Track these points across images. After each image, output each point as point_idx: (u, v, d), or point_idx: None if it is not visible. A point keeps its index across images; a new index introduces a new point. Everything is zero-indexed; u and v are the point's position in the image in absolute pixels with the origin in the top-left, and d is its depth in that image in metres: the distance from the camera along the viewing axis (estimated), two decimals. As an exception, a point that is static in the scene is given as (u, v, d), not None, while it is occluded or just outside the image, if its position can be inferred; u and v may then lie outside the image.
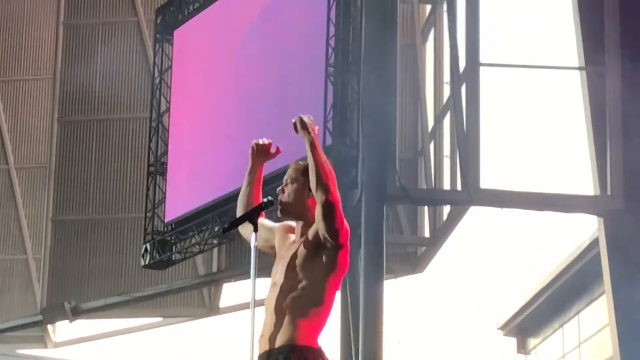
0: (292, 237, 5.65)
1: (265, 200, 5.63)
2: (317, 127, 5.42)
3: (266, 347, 5.48)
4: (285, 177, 5.66)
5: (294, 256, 5.53)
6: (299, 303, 5.46)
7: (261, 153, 5.83)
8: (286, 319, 5.47)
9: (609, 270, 11.65)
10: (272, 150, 5.83)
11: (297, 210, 5.60)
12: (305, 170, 5.61)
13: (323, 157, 5.41)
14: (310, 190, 5.54)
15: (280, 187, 5.64)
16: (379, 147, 11.78)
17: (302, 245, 5.51)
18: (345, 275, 10.99)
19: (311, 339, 5.46)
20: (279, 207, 5.61)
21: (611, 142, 11.68)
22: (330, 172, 5.37)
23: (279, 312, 5.49)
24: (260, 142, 5.82)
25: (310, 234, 5.45)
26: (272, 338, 5.48)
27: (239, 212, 5.82)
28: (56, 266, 16.94)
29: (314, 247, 5.43)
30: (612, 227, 11.66)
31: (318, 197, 5.38)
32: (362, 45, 12.15)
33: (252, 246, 5.49)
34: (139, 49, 16.89)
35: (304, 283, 5.47)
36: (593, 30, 11.96)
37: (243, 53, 14.01)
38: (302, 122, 5.39)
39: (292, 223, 5.69)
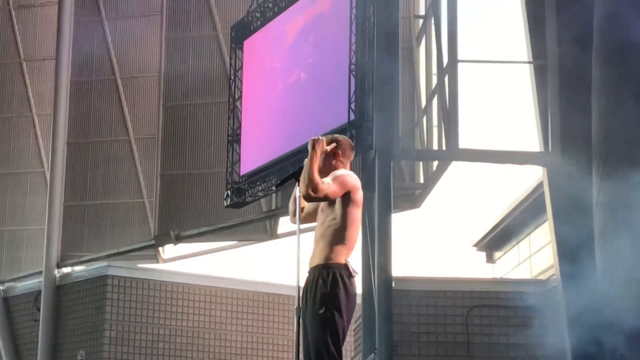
0: None
1: (305, 162, 5.58)
2: (323, 143, 5.37)
3: (310, 265, 5.46)
4: None
5: (324, 214, 5.52)
6: (329, 233, 5.43)
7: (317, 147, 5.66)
8: (321, 245, 5.43)
9: (550, 204, 11.58)
10: None
11: (326, 170, 5.55)
12: (330, 141, 5.57)
13: (313, 168, 5.31)
14: (334, 155, 5.51)
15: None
16: (387, 121, 11.73)
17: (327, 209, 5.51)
18: (364, 213, 10.97)
19: (339, 257, 5.39)
20: None
21: (551, 109, 11.59)
22: (311, 178, 5.29)
23: (317, 240, 5.47)
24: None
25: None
26: (313, 259, 5.45)
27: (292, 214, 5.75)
28: (164, 206, 17.01)
29: (334, 206, 5.43)
30: (552, 175, 11.58)
31: (300, 188, 5.37)
32: (375, 49, 12.07)
33: (296, 195, 5.47)
34: (218, 54, 16.85)
35: (330, 220, 5.43)
36: (538, 31, 11.81)
37: (292, 56, 13.96)
38: (312, 142, 5.36)
39: None
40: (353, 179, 5.38)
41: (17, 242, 18.75)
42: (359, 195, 5.41)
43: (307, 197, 5.20)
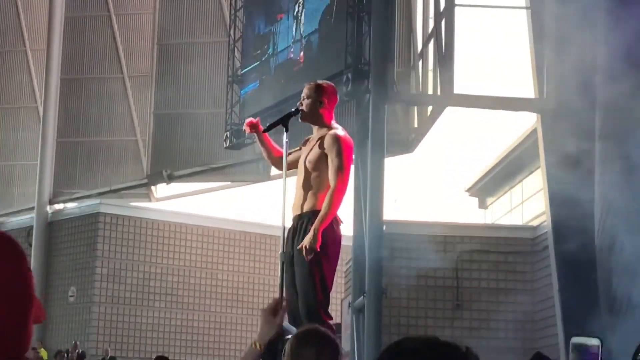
0: (311, 138, 5.69)
1: (292, 110, 5.65)
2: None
3: (297, 212, 5.53)
4: (302, 94, 5.67)
5: (313, 151, 5.56)
6: (317, 183, 5.51)
7: (254, 129, 5.81)
8: (310, 193, 5.50)
9: (543, 151, 11.61)
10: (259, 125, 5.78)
11: (312, 117, 5.62)
12: (317, 88, 5.63)
13: (324, 218, 5.41)
14: (320, 102, 5.58)
15: (299, 102, 5.65)
16: (382, 64, 11.70)
17: (317, 147, 5.53)
18: (357, 157, 10.96)
19: None
20: (300, 115, 5.63)
21: (547, 60, 11.56)
22: (331, 203, 5.41)
23: (303, 188, 5.53)
24: (250, 121, 5.80)
25: (326, 150, 5.51)
26: (301, 206, 5.52)
27: (268, 162, 5.95)
28: (157, 145, 17.03)
29: (323, 159, 5.51)
30: (546, 121, 11.58)
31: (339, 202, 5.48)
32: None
33: (284, 141, 5.52)
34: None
35: (319, 169, 5.50)
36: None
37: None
38: (305, 249, 5.40)
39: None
40: (349, 145, 5.50)
41: (9, 178, 18.80)
42: (352, 153, 5.59)
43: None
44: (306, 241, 5.32)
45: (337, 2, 12.50)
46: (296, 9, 13.92)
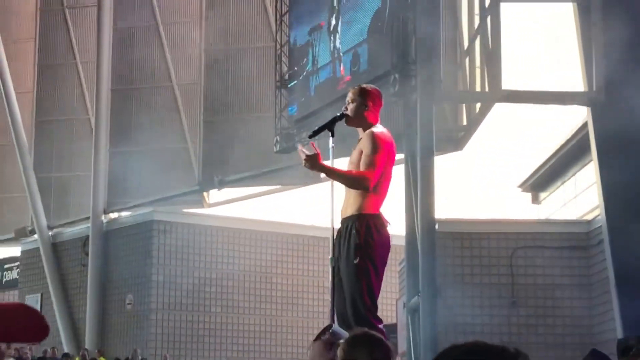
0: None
1: (338, 114, 5.65)
2: (316, 158, 5.35)
3: (344, 215, 5.53)
4: (347, 99, 5.66)
5: (358, 151, 5.55)
6: None
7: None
8: (354, 194, 5.48)
9: (595, 144, 11.52)
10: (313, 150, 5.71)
11: (357, 120, 5.59)
12: (361, 92, 5.62)
13: (338, 172, 5.36)
14: (365, 105, 5.57)
15: (344, 106, 5.65)
16: (429, 63, 11.69)
17: (357, 148, 5.53)
18: (407, 156, 10.96)
19: (372, 208, 5.46)
20: (345, 119, 5.62)
21: (595, 53, 11.48)
22: (350, 176, 5.35)
23: (349, 191, 5.52)
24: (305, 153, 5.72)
25: (362, 147, 5.47)
26: (346, 209, 5.52)
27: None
28: (207, 151, 17.16)
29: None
30: (596, 114, 11.49)
31: (362, 189, 5.39)
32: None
33: (330, 146, 5.52)
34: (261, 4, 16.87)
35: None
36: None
37: (337, 2, 13.91)
38: (307, 161, 5.31)
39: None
40: (386, 138, 5.44)
41: (64, 189, 19.05)
42: (392, 151, 5.52)
43: (362, 188, 5.38)
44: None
45: (389, 5, 12.42)
46: (333, 22, 13.88)
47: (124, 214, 18.19)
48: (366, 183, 5.30)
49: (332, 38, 13.77)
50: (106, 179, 17.86)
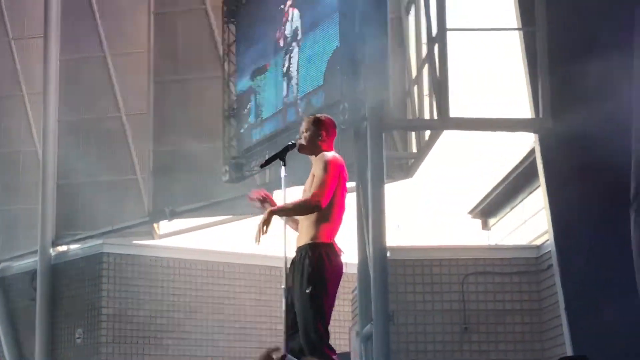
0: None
1: (289, 143, 5.73)
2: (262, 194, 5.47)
3: (298, 244, 5.60)
4: (301, 128, 5.75)
5: (311, 177, 5.63)
6: (314, 213, 5.55)
7: (264, 202, 5.84)
8: (307, 223, 5.55)
9: (542, 170, 11.70)
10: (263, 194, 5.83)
11: (311, 149, 5.68)
12: (315, 121, 5.71)
13: (290, 207, 5.48)
14: (319, 135, 5.64)
15: (298, 135, 5.73)
16: (378, 92, 11.83)
17: (310, 175, 5.61)
18: (358, 183, 11.06)
19: (325, 237, 5.53)
20: (298, 148, 5.70)
21: (541, 80, 11.68)
22: (301, 202, 5.46)
23: (303, 219, 5.58)
24: (256, 197, 5.83)
25: (314, 172, 5.55)
26: (300, 238, 5.59)
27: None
28: (157, 183, 17.12)
29: None
30: (543, 141, 11.69)
31: (314, 211, 5.48)
32: (364, 20, 12.13)
33: (282, 176, 5.58)
34: (207, 29, 16.91)
35: None
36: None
37: (284, 30, 14.00)
38: (264, 222, 5.44)
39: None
40: (338, 164, 5.51)
41: (12, 222, 18.85)
42: (344, 177, 5.59)
43: (312, 211, 5.45)
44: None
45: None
46: (286, 63, 13.88)
47: (73, 246, 18.04)
48: (315, 201, 5.38)
49: (284, 82, 13.73)
50: (54, 212, 17.71)
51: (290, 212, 5.48)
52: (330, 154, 5.56)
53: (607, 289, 9.88)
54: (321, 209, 5.35)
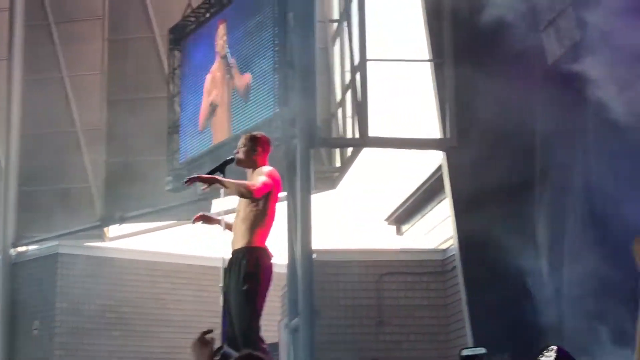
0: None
1: (229, 157, 5.75)
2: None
3: (234, 247, 5.61)
4: (239, 143, 5.77)
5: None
6: (250, 219, 5.58)
7: (207, 221, 5.87)
8: (243, 228, 5.57)
9: (448, 183, 11.86)
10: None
11: (247, 163, 5.72)
12: (252, 138, 5.75)
13: (231, 185, 5.49)
14: (255, 150, 5.67)
15: (236, 150, 5.75)
16: (307, 113, 11.87)
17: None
18: (289, 193, 11.03)
19: (260, 241, 5.57)
20: (236, 162, 5.72)
21: (449, 105, 11.84)
22: (241, 186, 5.48)
23: (239, 224, 5.60)
24: (198, 220, 5.84)
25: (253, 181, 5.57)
26: (236, 242, 5.60)
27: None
28: (109, 191, 16.93)
29: None
30: (450, 158, 11.84)
31: (246, 196, 5.49)
32: (295, 49, 12.18)
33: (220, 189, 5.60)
34: (155, 55, 16.83)
35: (253, 207, 5.57)
36: (437, 34, 12.00)
37: (224, 55, 13.98)
38: (203, 181, 5.44)
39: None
40: (275, 176, 5.58)
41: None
42: (277, 189, 5.66)
43: (249, 197, 5.45)
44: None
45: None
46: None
47: (32, 247, 17.75)
48: (252, 189, 5.41)
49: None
50: (15, 216, 17.41)
51: (230, 187, 5.47)
52: (269, 168, 5.61)
53: (504, 288, 10.03)
54: (254, 197, 5.37)
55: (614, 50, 7.02)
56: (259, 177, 5.45)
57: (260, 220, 5.51)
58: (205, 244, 17.52)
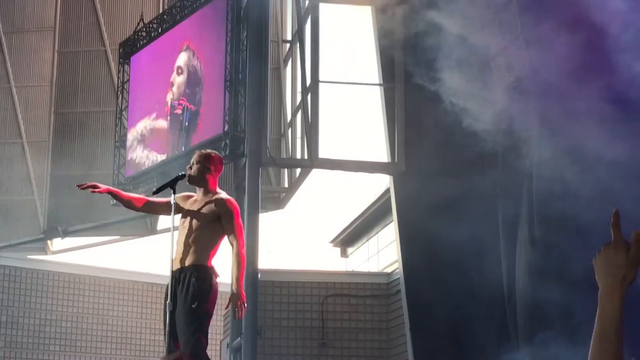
0: (194, 198, 5.72)
1: (180, 174, 5.72)
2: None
3: (178, 266, 5.56)
4: (192, 160, 5.74)
5: (199, 211, 5.60)
6: (203, 239, 5.55)
7: (96, 190, 5.86)
8: (193, 248, 5.54)
9: (395, 207, 11.90)
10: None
11: (199, 181, 5.69)
12: (206, 156, 5.72)
13: (241, 272, 5.52)
14: (208, 169, 5.65)
15: (188, 166, 5.72)
16: (257, 132, 11.85)
17: (206, 207, 5.59)
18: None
19: (209, 261, 5.56)
20: (188, 179, 5.69)
21: (397, 130, 11.91)
22: (243, 262, 5.51)
23: (188, 243, 5.56)
24: (87, 187, 5.85)
25: (218, 211, 5.54)
26: (183, 260, 5.56)
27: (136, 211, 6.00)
28: (53, 204, 16.69)
29: (215, 218, 5.54)
30: (397, 182, 11.90)
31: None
32: (247, 68, 12.19)
33: (172, 201, 5.56)
34: (106, 68, 16.69)
35: (205, 228, 5.55)
36: (388, 59, 12.08)
37: (174, 71, 13.92)
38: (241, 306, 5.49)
39: (188, 193, 5.81)
40: (237, 206, 5.60)
41: None
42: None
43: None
44: (236, 298, 5.38)
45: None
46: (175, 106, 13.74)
47: (-29, 258, 17.40)
48: (244, 250, 5.50)
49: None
50: (-45, 226, 17.08)
51: (242, 275, 5.53)
52: (227, 196, 5.60)
53: (447, 312, 10.08)
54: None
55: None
56: (234, 224, 5.44)
57: (213, 242, 5.51)
58: (149, 260, 17.39)
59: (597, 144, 6.22)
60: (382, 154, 12.33)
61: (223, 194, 5.58)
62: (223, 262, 5.72)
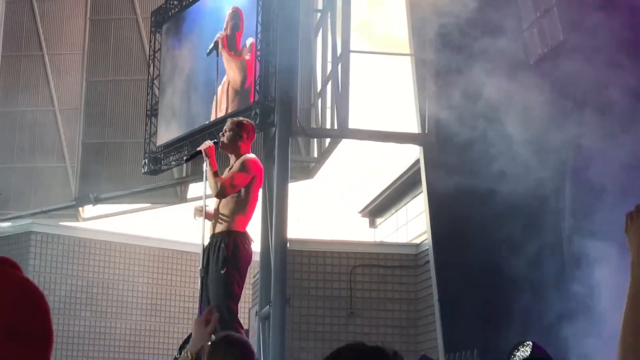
0: (229, 166, 5.75)
1: (214, 141, 5.73)
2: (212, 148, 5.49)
3: (212, 232, 5.60)
4: (224, 127, 5.75)
5: (225, 175, 5.63)
6: (232, 204, 5.57)
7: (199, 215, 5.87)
8: (222, 215, 5.57)
9: (425, 178, 11.87)
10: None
11: (231, 148, 5.71)
12: (238, 124, 5.73)
13: (213, 174, 5.50)
14: (240, 136, 5.66)
15: (221, 133, 5.73)
16: (287, 102, 11.83)
17: (229, 171, 5.61)
18: (265, 182, 11.03)
19: (240, 226, 5.57)
20: (220, 146, 5.70)
21: (428, 102, 11.83)
22: (217, 183, 5.49)
23: (217, 211, 5.59)
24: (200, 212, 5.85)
25: (233, 170, 5.56)
26: (215, 227, 5.59)
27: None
28: (84, 171, 16.82)
29: None
30: (427, 153, 11.85)
31: (214, 190, 5.52)
32: (278, 38, 12.14)
33: (204, 169, 5.57)
34: (137, 37, 16.72)
35: (234, 193, 5.57)
36: (419, 28, 11.97)
37: (206, 42, 13.90)
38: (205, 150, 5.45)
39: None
40: (256, 166, 5.58)
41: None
42: (260, 177, 5.65)
43: (219, 197, 5.43)
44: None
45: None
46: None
47: (4, 224, 17.61)
48: (222, 187, 5.42)
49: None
50: (-12, 192, 17.27)
51: (211, 176, 5.48)
52: (252, 156, 5.60)
53: (476, 284, 10.07)
54: (224, 196, 5.38)
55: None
56: (236, 173, 5.42)
57: (241, 206, 5.52)
58: (180, 228, 17.50)
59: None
60: (412, 125, 12.27)
61: (248, 155, 5.58)
62: (251, 228, 5.72)
